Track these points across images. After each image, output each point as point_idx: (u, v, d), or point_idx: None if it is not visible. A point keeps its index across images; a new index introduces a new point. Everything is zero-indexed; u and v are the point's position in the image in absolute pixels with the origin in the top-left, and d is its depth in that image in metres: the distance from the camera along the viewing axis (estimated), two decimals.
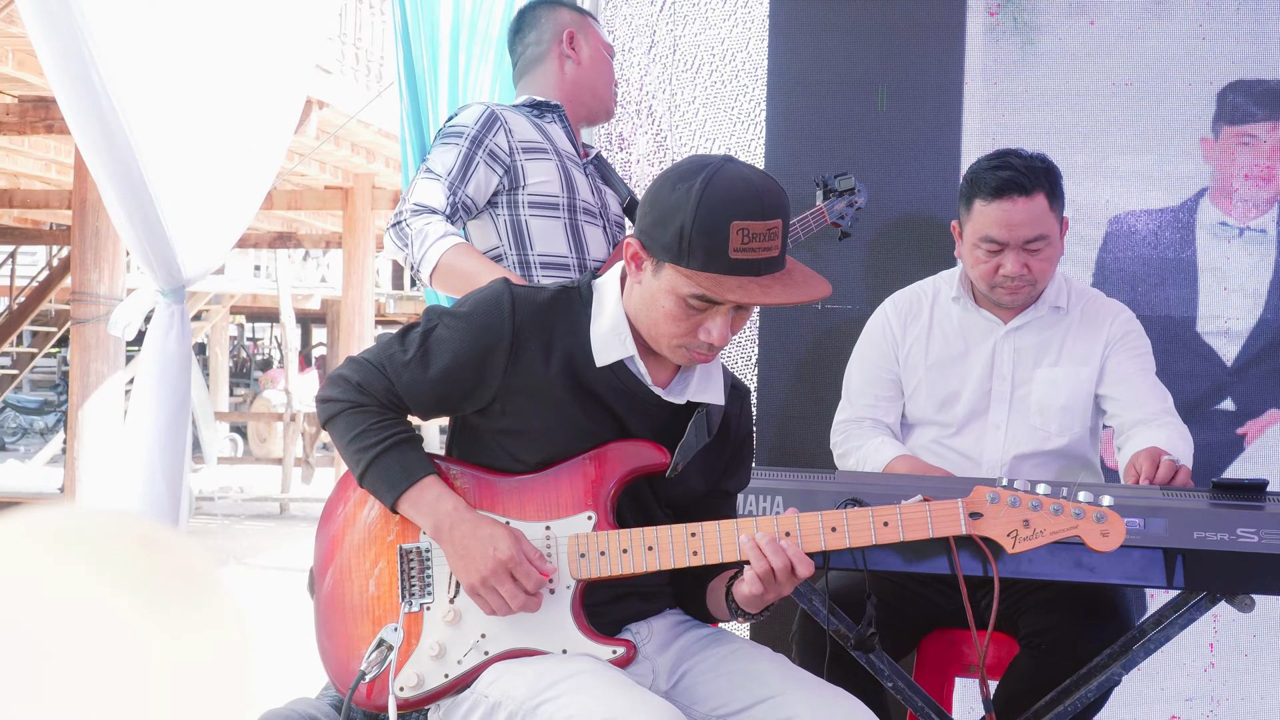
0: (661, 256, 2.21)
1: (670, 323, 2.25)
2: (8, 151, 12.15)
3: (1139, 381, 3.25)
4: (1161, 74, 4.04)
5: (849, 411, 3.42)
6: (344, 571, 2.41)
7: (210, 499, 15.88)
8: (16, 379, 20.33)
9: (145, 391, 3.14)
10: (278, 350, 28.86)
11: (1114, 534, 2.27)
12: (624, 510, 2.40)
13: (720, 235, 2.15)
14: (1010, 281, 3.17)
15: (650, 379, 2.36)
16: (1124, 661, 2.87)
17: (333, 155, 12.60)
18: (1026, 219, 3.12)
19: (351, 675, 2.32)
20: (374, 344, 2.43)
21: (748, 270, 2.18)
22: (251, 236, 18.07)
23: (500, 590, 2.27)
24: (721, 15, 4.43)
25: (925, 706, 2.94)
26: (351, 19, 11.24)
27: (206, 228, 3.12)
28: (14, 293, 19.53)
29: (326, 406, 2.39)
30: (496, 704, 2.28)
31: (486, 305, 2.33)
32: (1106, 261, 4.10)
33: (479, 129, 3.20)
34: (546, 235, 3.27)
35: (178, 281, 3.14)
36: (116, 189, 2.91)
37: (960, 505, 2.28)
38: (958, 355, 3.32)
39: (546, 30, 3.44)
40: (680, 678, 2.40)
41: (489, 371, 2.31)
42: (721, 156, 2.24)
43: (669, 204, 2.20)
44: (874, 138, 4.20)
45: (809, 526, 2.28)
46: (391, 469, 2.32)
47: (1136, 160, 4.07)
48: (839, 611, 2.96)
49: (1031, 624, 3.07)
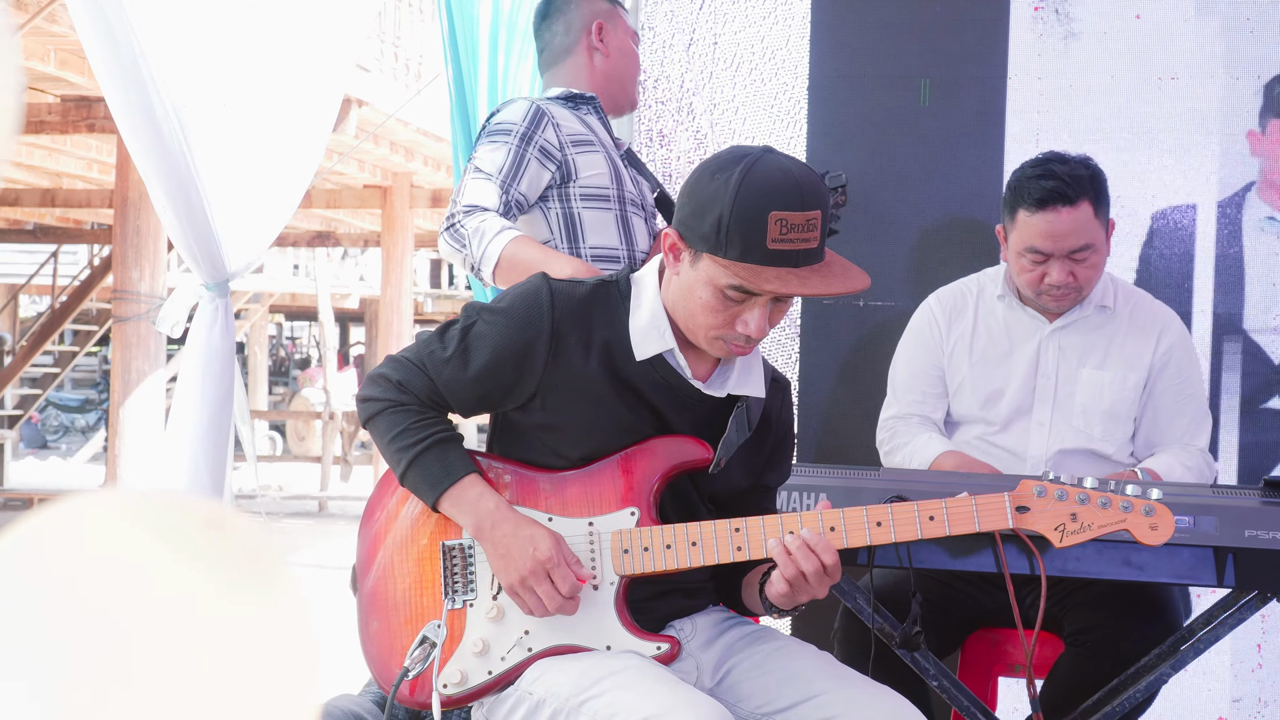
0: (699, 247, 2.20)
1: (707, 314, 2.23)
2: (50, 151, 12.24)
3: (1172, 404, 3.23)
4: (1207, 67, 4.00)
5: (895, 408, 3.39)
6: (387, 568, 2.41)
7: (249, 497, 15.96)
8: (58, 377, 20.50)
9: (189, 386, 3.15)
10: (316, 349, 29.00)
11: (1163, 527, 2.24)
12: (666, 505, 2.38)
13: (758, 225, 2.13)
14: (1056, 290, 3.14)
15: (690, 372, 2.34)
16: (1173, 661, 2.84)
17: (371, 154, 12.64)
18: (1071, 229, 3.07)
19: (394, 672, 2.31)
20: (413, 342, 2.42)
21: (785, 261, 2.16)
22: (290, 235, 18.17)
23: (538, 590, 2.26)
24: (762, 13, 4.41)
25: (971, 705, 2.91)
26: (391, 18, 11.26)
27: (250, 222, 3.13)
28: (56, 292, 19.69)
29: (367, 406, 2.38)
30: (540, 701, 2.27)
31: (525, 300, 2.32)
32: (1151, 257, 4.05)
33: (528, 126, 3.16)
34: (598, 227, 3.24)
35: (222, 275, 3.15)
36: (163, 184, 2.92)
37: (1007, 499, 2.26)
38: (1003, 353, 3.29)
39: (575, 20, 3.41)
40: (724, 675, 2.38)
41: (529, 366, 2.30)
42: (761, 147, 2.22)
43: (707, 194, 2.19)
44: (916, 133, 4.16)
45: (853, 521, 2.27)
46: (432, 468, 2.31)
47: (1182, 155, 4.03)
48: (882, 609, 2.94)
49: (1077, 622, 3.05)
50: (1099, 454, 3.21)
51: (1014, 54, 4.13)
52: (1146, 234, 4.05)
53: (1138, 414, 3.23)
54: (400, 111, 10.35)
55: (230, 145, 3.02)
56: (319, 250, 20.48)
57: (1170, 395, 3.22)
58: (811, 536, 2.23)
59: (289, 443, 21.45)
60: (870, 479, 2.80)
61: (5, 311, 22.89)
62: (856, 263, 2.31)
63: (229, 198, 3.04)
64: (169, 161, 2.88)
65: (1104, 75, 4.07)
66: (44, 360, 20.20)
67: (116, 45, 2.72)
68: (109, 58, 2.75)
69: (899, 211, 4.15)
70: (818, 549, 2.22)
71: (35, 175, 13.93)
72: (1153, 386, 3.22)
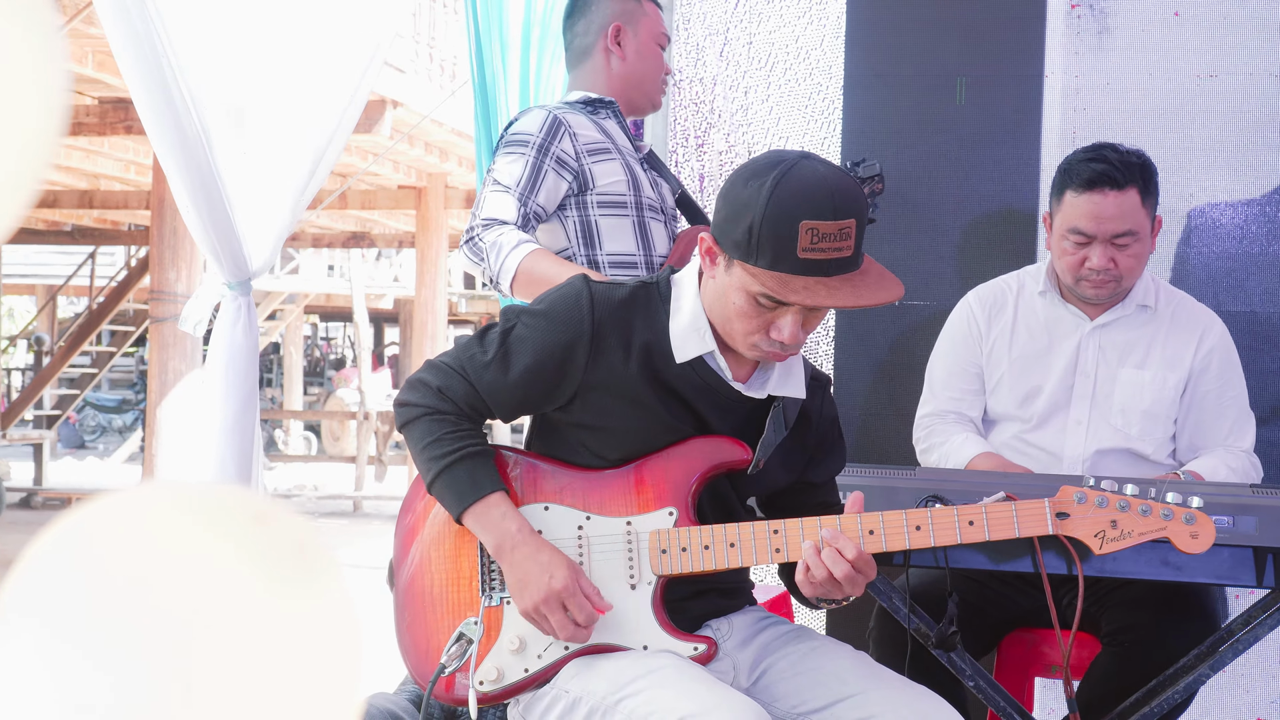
0: (732, 253, 2.20)
1: (741, 320, 2.23)
2: (87, 153, 12.32)
3: (1214, 406, 3.21)
4: (1246, 63, 3.97)
5: (932, 405, 3.38)
6: (424, 564, 2.41)
7: (285, 497, 16.04)
8: (96, 378, 20.66)
9: (214, 384, 3.17)
10: (351, 349, 29.10)
11: (1203, 536, 2.22)
12: (704, 505, 2.38)
13: (788, 234, 2.12)
14: (1095, 275, 3.12)
15: (730, 374, 2.34)
16: (1211, 662, 2.82)
17: (406, 155, 12.68)
18: (1117, 213, 3.06)
19: (430, 668, 2.32)
20: (452, 346, 2.42)
21: (816, 270, 2.14)
22: (325, 236, 18.26)
23: (550, 619, 2.26)
24: (796, 13, 4.40)
25: (1007, 706, 2.90)
26: (426, 19, 11.30)
27: (270, 220, 3.14)
28: (93, 293, 19.84)
29: (404, 411, 2.38)
30: (577, 699, 2.27)
31: (566, 302, 2.32)
32: (1188, 256, 4.03)
33: (544, 137, 3.17)
34: (616, 234, 3.25)
35: (245, 274, 3.17)
36: (186, 182, 2.93)
37: (1047, 505, 2.25)
38: (1042, 350, 3.28)
39: (594, 21, 3.40)
40: (760, 675, 2.38)
41: (570, 368, 2.30)
42: (798, 153, 2.21)
43: (741, 200, 2.18)
44: (952, 131, 4.15)
45: (893, 525, 2.26)
46: (460, 481, 2.31)
47: (1220, 152, 4.00)
48: (918, 609, 2.93)
49: (1114, 622, 3.03)
50: (1137, 453, 3.20)
51: (1050, 52, 4.11)
52: (1183, 231, 4.03)
53: (1178, 416, 3.21)
54: (435, 112, 10.37)
55: (254, 141, 3.04)
56: (354, 251, 20.55)
57: (1212, 398, 3.20)
58: (832, 536, 2.24)
59: (324, 443, 21.53)
60: (906, 479, 2.79)
61: (44, 313, 23.08)
62: (891, 261, 2.31)
63: (252, 195, 3.06)
64: (191, 158, 2.90)
65: (1141, 72, 4.04)
66: (81, 361, 20.35)
67: (140, 41, 2.73)
68: (133, 54, 2.76)
69: (934, 211, 4.14)
70: (841, 547, 2.22)
71: (73, 177, 14.03)
72: (1193, 389, 3.20)
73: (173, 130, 2.85)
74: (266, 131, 3.06)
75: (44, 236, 18.26)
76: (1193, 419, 3.21)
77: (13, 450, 18.28)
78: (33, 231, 17.89)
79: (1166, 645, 2.93)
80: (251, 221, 3.09)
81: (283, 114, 3.06)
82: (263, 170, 3.06)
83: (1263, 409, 3.22)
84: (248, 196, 3.04)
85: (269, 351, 26.75)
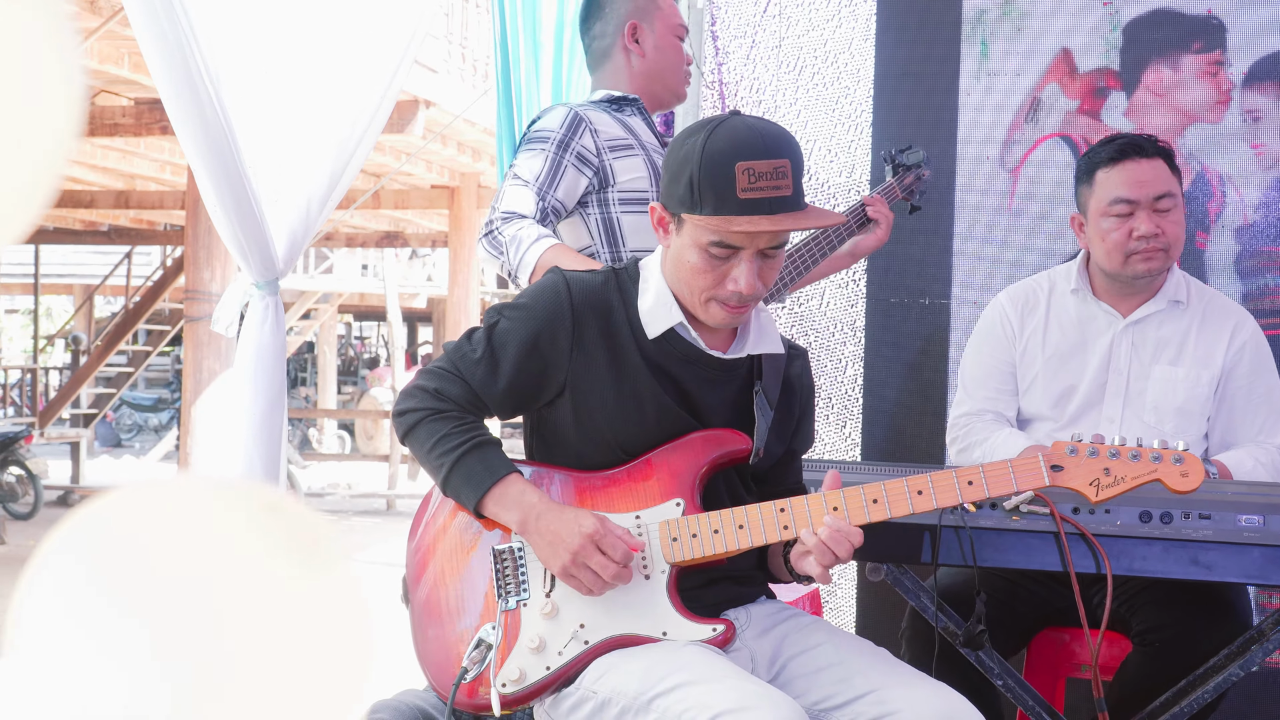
0: (678, 209, 2.29)
1: (697, 276, 2.30)
2: (124, 153, 12.40)
3: (1245, 402, 3.21)
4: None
5: (968, 405, 3.36)
6: (438, 578, 2.44)
7: (318, 495, 16.11)
8: (132, 377, 20.79)
9: (242, 382, 3.20)
10: (384, 348, 29.22)
11: (1193, 474, 2.29)
12: (714, 495, 2.43)
13: (726, 177, 2.22)
14: (1145, 244, 3.12)
15: (705, 344, 2.40)
16: (1242, 662, 2.80)
17: (439, 154, 12.71)
18: (1154, 175, 3.13)
19: (451, 677, 2.33)
20: (441, 353, 2.46)
21: (758, 209, 2.23)
22: (359, 236, 18.32)
23: (591, 564, 2.28)
24: (825, 16, 4.40)
25: (1036, 705, 2.90)
26: (458, 19, 11.34)
27: (298, 220, 3.16)
28: (130, 292, 19.98)
29: (404, 419, 2.42)
30: (606, 700, 2.28)
31: (544, 293, 2.39)
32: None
33: (564, 133, 3.20)
34: (638, 230, 3.27)
35: (273, 273, 3.19)
36: (213, 181, 2.95)
37: (1041, 458, 2.31)
38: (1075, 348, 3.27)
39: (611, 21, 3.42)
40: (781, 669, 2.39)
41: (555, 356, 2.36)
42: (729, 111, 2.33)
43: (679, 158, 2.29)
44: (984, 132, 4.14)
45: (895, 492, 2.31)
46: (475, 469, 2.35)
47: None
48: (947, 608, 2.92)
49: (1144, 621, 3.02)
50: None
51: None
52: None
53: (1211, 413, 3.20)
54: (467, 112, 10.40)
55: (282, 141, 3.05)
56: (387, 250, 20.62)
57: (1243, 394, 3.20)
58: (839, 523, 2.27)
59: (357, 442, 21.61)
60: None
61: (81, 312, 23.25)
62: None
63: (280, 195, 3.08)
64: (219, 159, 2.91)
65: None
66: (118, 360, 20.49)
67: (168, 41, 2.75)
68: (161, 53, 2.78)
69: (963, 210, 4.13)
70: (849, 535, 2.27)
71: (109, 177, 14.13)
72: (1225, 384, 3.20)
73: (199, 129, 2.87)
74: (294, 131, 3.07)
75: (81, 236, 18.40)
76: (1224, 414, 3.20)
77: (50, 449, 18.42)
78: (70, 231, 18.03)
79: (1197, 644, 2.92)
80: (279, 221, 3.11)
81: (311, 113, 3.08)
82: (290, 170, 3.08)
83: None
84: (275, 196, 3.06)
85: (303, 351, 26.89)
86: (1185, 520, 2.62)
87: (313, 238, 3.20)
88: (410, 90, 9.85)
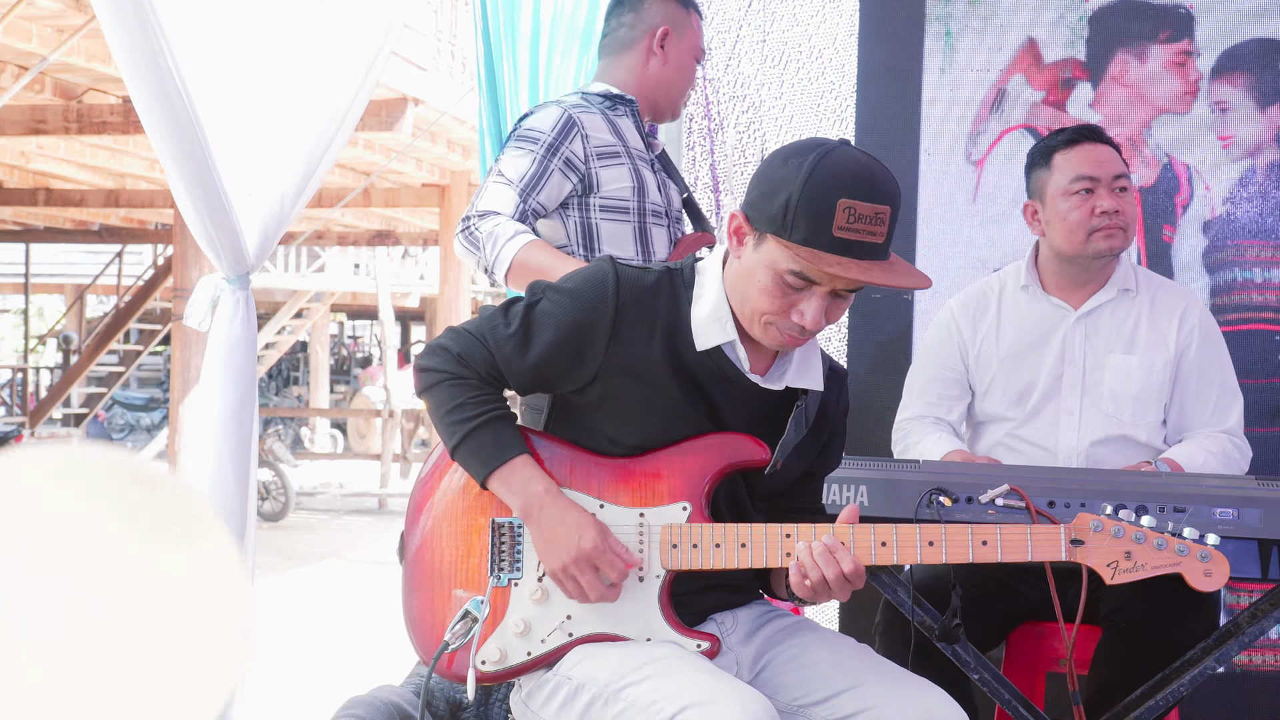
0: (764, 228, 2.19)
1: (764, 298, 2.22)
2: (113, 152, 12.38)
3: (1198, 384, 3.24)
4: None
5: (912, 409, 3.42)
6: (434, 536, 2.41)
7: (310, 494, 16.10)
8: (123, 376, 20.78)
9: (212, 377, 3.18)
10: (377, 348, 29.19)
11: (1217, 574, 2.22)
12: (718, 501, 2.38)
13: (826, 210, 2.11)
14: (1108, 220, 3.17)
15: (748, 365, 2.34)
16: (1217, 655, 2.81)
17: (429, 153, 12.69)
18: (1110, 157, 3.21)
19: (434, 642, 2.32)
20: (476, 315, 2.42)
21: (849, 251, 2.13)
22: (351, 235, 18.31)
23: (580, 579, 2.27)
24: (809, 12, 4.40)
25: (1012, 699, 2.90)
26: (448, 16, 11.32)
27: (271, 214, 3.14)
28: (121, 291, 19.97)
29: (426, 376, 2.38)
30: (580, 686, 2.27)
31: (592, 282, 2.31)
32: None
33: (556, 136, 3.18)
34: (615, 238, 3.25)
35: (244, 268, 3.17)
36: (182, 175, 2.93)
37: (1062, 531, 2.25)
38: (1029, 345, 3.30)
39: (645, 18, 3.40)
40: (762, 668, 2.38)
41: (590, 349, 2.30)
42: (839, 139, 2.21)
43: (778, 177, 2.17)
44: (967, 127, 4.14)
45: (905, 539, 2.26)
46: (485, 444, 2.31)
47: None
48: (924, 602, 2.93)
49: (1111, 603, 3.04)
50: (1130, 439, 3.21)
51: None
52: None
53: (1167, 398, 3.23)
54: (456, 109, 10.39)
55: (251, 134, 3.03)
56: (379, 249, 20.60)
57: (1195, 375, 3.24)
58: (833, 543, 2.24)
59: (350, 441, 21.60)
60: (910, 471, 2.79)
61: (72, 311, 23.23)
62: (903, 256, 2.30)
63: (250, 189, 3.05)
64: (188, 152, 2.89)
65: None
66: (109, 359, 20.47)
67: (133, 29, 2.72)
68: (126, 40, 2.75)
69: (945, 206, 4.13)
70: (839, 556, 2.23)
71: (99, 176, 14.11)
72: (1178, 368, 3.23)
73: (167, 121, 2.84)
74: (266, 124, 3.05)
75: (72, 236, 18.37)
76: (1177, 398, 3.25)
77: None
78: (61, 231, 18.00)
79: (1163, 622, 2.93)
80: (251, 215, 3.08)
81: (284, 106, 3.06)
82: (263, 164, 3.06)
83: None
84: (247, 190, 3.04)
85: (296, 350, 26.85)
86: (1161, 514, 2.62)
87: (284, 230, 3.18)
88: (399, 88, 9.84)
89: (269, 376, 26.86)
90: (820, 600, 2.31)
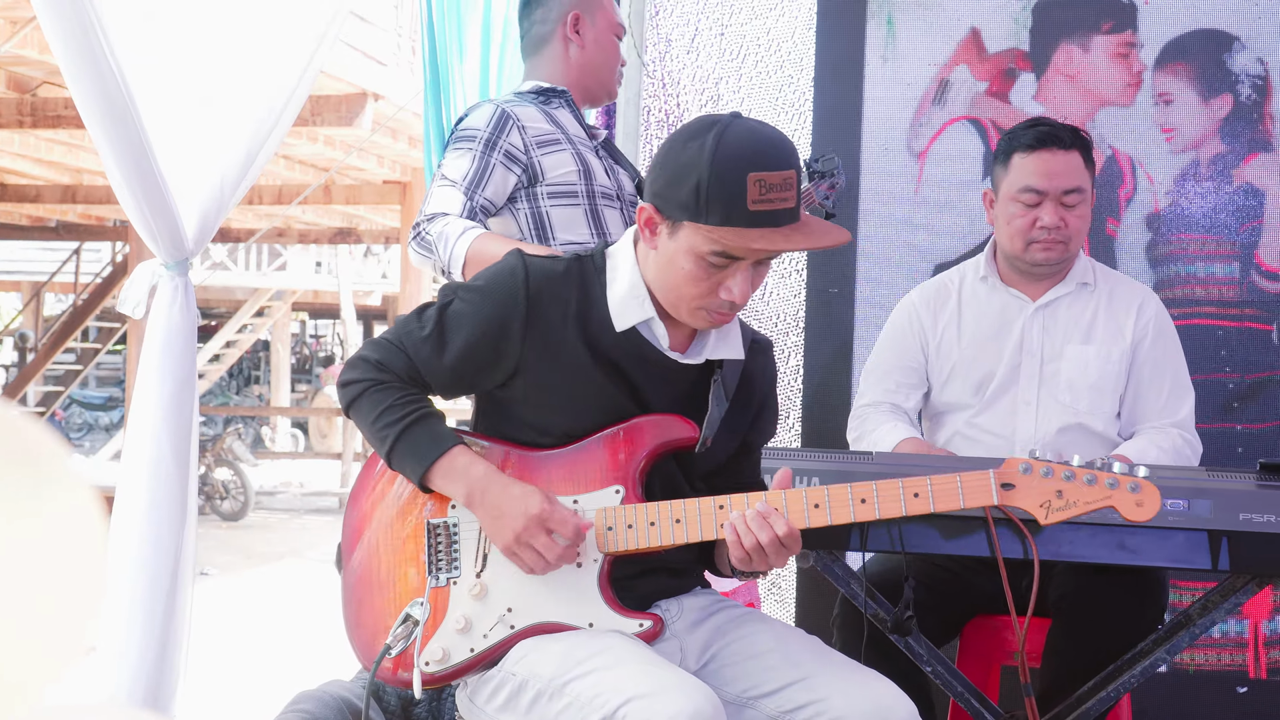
0: (678, 216, 2.19)
1: (690, 284, 2.22)
2: (70, 147, 12.28)
3: (1151, 376, 3.26)
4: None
5: (869, 396, 3.43)
6: (372, 548, 2.41)
7: (270, 494, 16.01)
8: (81, 374, 20.62)
9: (150, 365, 3.14)
10: (340, 347, 29.07)
11: (1148, 504, 2.22)
12: (653, 484, 2.37)
13: (737, 187, 2.12)
14: (1046, 234, 3.18)
15: (667, 343, 2.33)
16: (1168, 647, 2.81)
17: (390, 149, 12.65)
18: (1065, 169, 3.17)
19: (376, 649, 2.31)
20: (391, 325, 2.41)
21: (767, 221, 2.15)
22: (312, 232, 18.22)
23: (535, 544, 2.25)
24: (768, 4, 4.39)
25: (965, 692, 2.89)
26: (408, 11, 11.28)
27: (210, 199, 3.10)
28: (78, 289, 19.80)
29: (347, 390, 2.37)
30: (524, 682, 2.25)
31: (501, 277, 2.32)
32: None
33: (491, 131, 3.17)
34: (568, 223, 3.24)
35: (183, 253, 3.13)
36: (117, 157, 2.89)
37: (992, 475, 2.25)
38: (989, 335, 3.32)
39: (553, 9, 3.40)
40: (710, 658, 2.37)
41: (506, 343, 2.29)
42: (730, 113, 2.21)
43: (682, 162, 2.17)
44: (924, 121, 4.14)
45: (838, 499, 2.25)
46: (420, 441, 2.30)
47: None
48: (878, 595, 2.92)
49: (1057, 590, 3.06)
50: (1088, 428, 3.23)
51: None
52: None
53: (1123, 389, 3.24)
54: (416, 104, 10.33)
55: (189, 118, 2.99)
56: (341, 247, 20.52)
57: (1149, 367, 3.26)
58: (766, 509, 2.23)
59: (311, 440, 21.51)
60: (864, 463, 2.78)
61: (28, 309, 23.03)
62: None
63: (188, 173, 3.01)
64: (124, 136, 2.84)
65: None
66: (66, 358, 20.32)
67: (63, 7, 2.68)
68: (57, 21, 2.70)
69: (904, 200, 4.12)
70: (772, 520, 2.22)
71: (55, 171, 13.98)
72: (1133, 358, 3.25)
73: (100, 103, 2.79)
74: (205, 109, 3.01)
75: (28, 232, 18.20)
76: (1130, 390, 3.27)
77: None
78: (16, 227, 17.83)
79: (1111, 614, 2.95)
80: (189, 200, 3.04)
81: (223, 91, 3.02)
82: (202, 148, 3.02)
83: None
84: (185, 174, 2.99)
85: (257, 349, 26.71)
86: None
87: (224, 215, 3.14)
88: (358, 82, 9.79)
89: (230, 375, 26.73)
90: (759, 568, 2.30)
